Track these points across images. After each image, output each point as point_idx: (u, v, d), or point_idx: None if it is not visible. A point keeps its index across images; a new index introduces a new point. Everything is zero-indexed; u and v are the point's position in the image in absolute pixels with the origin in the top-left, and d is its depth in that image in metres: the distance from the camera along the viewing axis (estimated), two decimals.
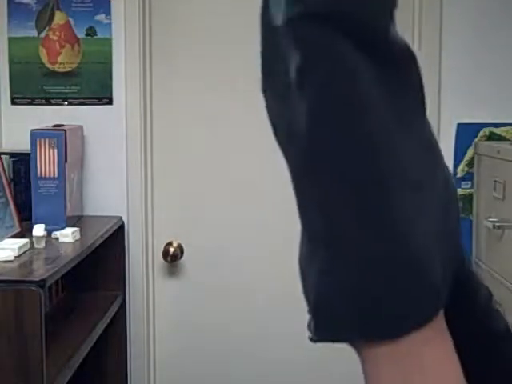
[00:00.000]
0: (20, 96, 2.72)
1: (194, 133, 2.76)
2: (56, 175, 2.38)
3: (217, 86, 2.73)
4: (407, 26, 2.68)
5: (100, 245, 2.38)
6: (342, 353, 0.57)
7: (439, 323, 0.51)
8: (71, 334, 2.20)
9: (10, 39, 2.70)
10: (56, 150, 2.36)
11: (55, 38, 2.69)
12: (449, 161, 2.71)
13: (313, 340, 0.53)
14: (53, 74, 2.71)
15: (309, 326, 0.53)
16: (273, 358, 2.81)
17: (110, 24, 2.69)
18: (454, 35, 2.67)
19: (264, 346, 2.82)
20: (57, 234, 2.26)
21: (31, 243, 2.12)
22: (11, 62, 2.71)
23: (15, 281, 1.79)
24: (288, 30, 0.47)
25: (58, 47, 2.70)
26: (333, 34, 0.45)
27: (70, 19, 2.69)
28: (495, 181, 2.43)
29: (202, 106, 2.74)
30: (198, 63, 2.73)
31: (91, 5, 2.68)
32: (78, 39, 2.69)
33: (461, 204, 2.72)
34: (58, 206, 2.38)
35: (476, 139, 2.69)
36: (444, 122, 2.69)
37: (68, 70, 2.71)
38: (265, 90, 0.51)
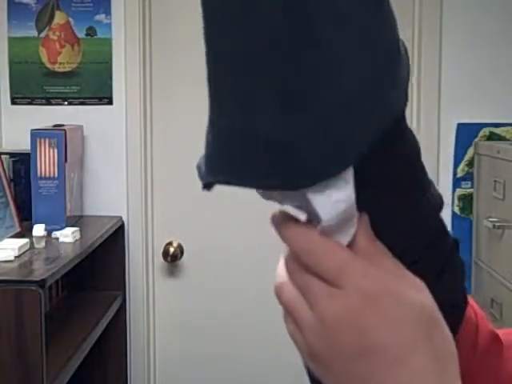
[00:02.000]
0: (20, 96, 2.72)
1: (194, 132, 2.76)
2: (56, 175, 2.38)
3: None
4: (407, 25, 2.68)
5: (100, 245, 2.38)
6: None
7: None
8: (71, 334, 2.20)
9: (10, 39, 2.70)
10: (56, 150, 2.36)
11: (55, 38, 2.69)
12: (449, 161, 2.71)
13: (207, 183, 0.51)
14: (53, 74, 2.71)
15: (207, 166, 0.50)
16: (273, 358, 2.81)
17: (110, 24, 2.69)
18: (453, 35, 2.67)
19: (264, 345, 2.82)
20: (57, 233, 2.26)
21: (31, 243, 2.12)
22: (11, 62, 2.71)
23: (15, 281, 1.79)
24: None
25: (58, 47, 2.70)
26: None
27: (70, 19, 2.69)
28: (495, 181, 2.43)
29: (202, 106, 2.72)
30: (198, 63, 2.71)
31: (91, 5, 2.68)
32: (78, 39, 2.69)
33: (461, 204, 2.72)
34: (58, 206, 2.38)
35: (476, 139, 2.69)
36: (444, 122, 2.69)
37: (68, 70, 2.71)
38: None
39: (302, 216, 0.51)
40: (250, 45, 0.46)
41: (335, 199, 0.48)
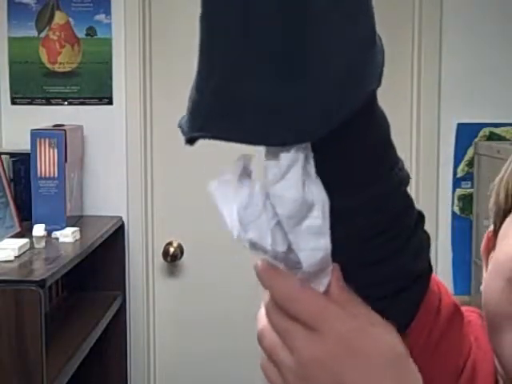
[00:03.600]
0: (20, 96, 2.72)
1: None
2: (56, 175, 2.38)
3: None
4: (407, 25, 2.69)
5: (100, 245, 2.38)
6: None
7: None
8: (71, 334, 2.20)
9: (10, 39, 2.70)
10: (56, 150, 2.36)
11: (55, 37, 2.69)
12: (449, 161, 2.70)
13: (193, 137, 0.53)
14: (53, 73, 2.71)
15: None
16: None
17: (110, 24, 2.69)
18: (453, 35, 2.67)
19: None
20: (57, 233, 2.26)
21: (31, 243, 2.12)
22: (11, 62, 2.71)
23: (15, 281, 1.79)
24: None
25: (58, 47, 2.70)
26: None
27: (70, 19, 2.69)
28: None
29: None
30: None
31: (91, 5, 2.68)
32: (78, 39, 2.69)
33: (461, 204, 2.72)
34: (58, 205, 2.38)
35: (476, 139, 2.69)
36: (444, 122, 2.69)
37: (68, 70, 2.71)
38: None
39: (281, 265, 0.55)
40: (251, 18, 0.48)
41: (313, 247, 0.51)
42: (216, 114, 0.50)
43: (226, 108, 0.50)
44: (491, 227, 0.74)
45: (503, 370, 0.68)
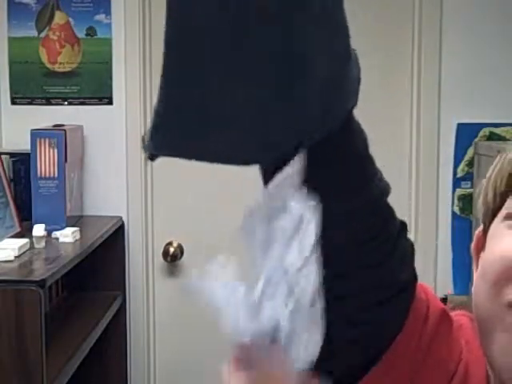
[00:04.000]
0: (20, 96, 2.72)
1: None
2: (56, 175, 2.38)
3: None
4: (407, 25, 2.68)
5: (100, 245, 2.38)
6: None
7: None
8: (71, 334, 2.20)
9: (10, 39, 2.70)
10: (56, 150, 2.37)
11: (55, 37, 2.69)
12: (449, 161, 2.70)
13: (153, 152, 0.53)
14: (53, 73, 2.71)
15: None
16: None
17: (110, 24, 2.69)
18: (453, 35, 2.67)
19: None
20: (57, 233, 2.26)
21: (31, 243, 2.12)
22: (11, 62, 2.71)
23: (15, 281, 1.79)
24: None
25: (58, 47, 2.70)
26: None
27: (70, 19, 2.69)
28: None
29: None
30: None
31: (91, 5, 2.68)
32: (78, 39, 2.69)
33: (461, 204, 2.72)
34: (58, 206, 2.38)
35: (476, 139, 2.69)
36: (444, 122, 2.69)
37: (68, 70, 2.71)
38: None
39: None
40: (250, 20, 0.48)
41: (309, 339, 0.52)
42: (199, 120, 0.51)
43: (215, 112, 0.50)
44: (481, 227, 0.74)
45: (494, 372, 0.67)
